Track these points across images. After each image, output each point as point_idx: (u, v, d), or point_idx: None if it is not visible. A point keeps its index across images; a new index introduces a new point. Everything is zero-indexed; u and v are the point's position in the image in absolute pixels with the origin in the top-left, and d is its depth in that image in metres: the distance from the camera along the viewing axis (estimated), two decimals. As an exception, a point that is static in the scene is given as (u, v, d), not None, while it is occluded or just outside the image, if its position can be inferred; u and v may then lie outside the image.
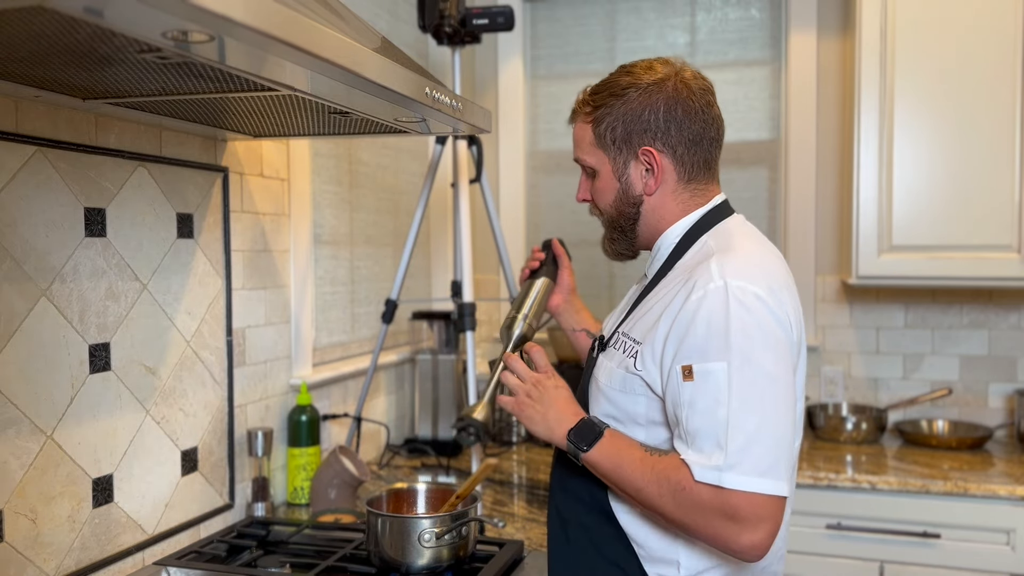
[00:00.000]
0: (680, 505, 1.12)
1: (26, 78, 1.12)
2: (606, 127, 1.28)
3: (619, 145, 1.28)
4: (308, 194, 2.11)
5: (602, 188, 1.33)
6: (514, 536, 1.73)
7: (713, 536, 1.11)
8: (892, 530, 2.18)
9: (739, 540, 1.09)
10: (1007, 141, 2.30)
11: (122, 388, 1.50)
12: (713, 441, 1.10)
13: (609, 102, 1.28)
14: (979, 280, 2.36)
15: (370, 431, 2.41)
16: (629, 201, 1.31)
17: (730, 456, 1.09)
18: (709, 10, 2.88)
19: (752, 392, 1.10)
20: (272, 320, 1.97)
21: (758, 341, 1.12)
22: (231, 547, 1.63)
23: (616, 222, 1.34)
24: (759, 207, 2.86)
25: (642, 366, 1.21)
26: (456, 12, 2.19)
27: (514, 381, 1.34)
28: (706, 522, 1.11)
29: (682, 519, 1.13)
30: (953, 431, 2.61)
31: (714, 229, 1.28)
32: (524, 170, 3.09)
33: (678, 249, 1.29)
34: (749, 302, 1.13)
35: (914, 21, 2.35)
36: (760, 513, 1.09)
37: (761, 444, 1.09)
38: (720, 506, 1.09)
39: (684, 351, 1.15)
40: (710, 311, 1.13)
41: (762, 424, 1.10)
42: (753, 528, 1.09)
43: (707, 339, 1.13)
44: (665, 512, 1.15)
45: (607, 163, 1.30)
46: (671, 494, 1.13)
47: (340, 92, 1.15)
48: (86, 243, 1.42)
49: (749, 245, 1.23)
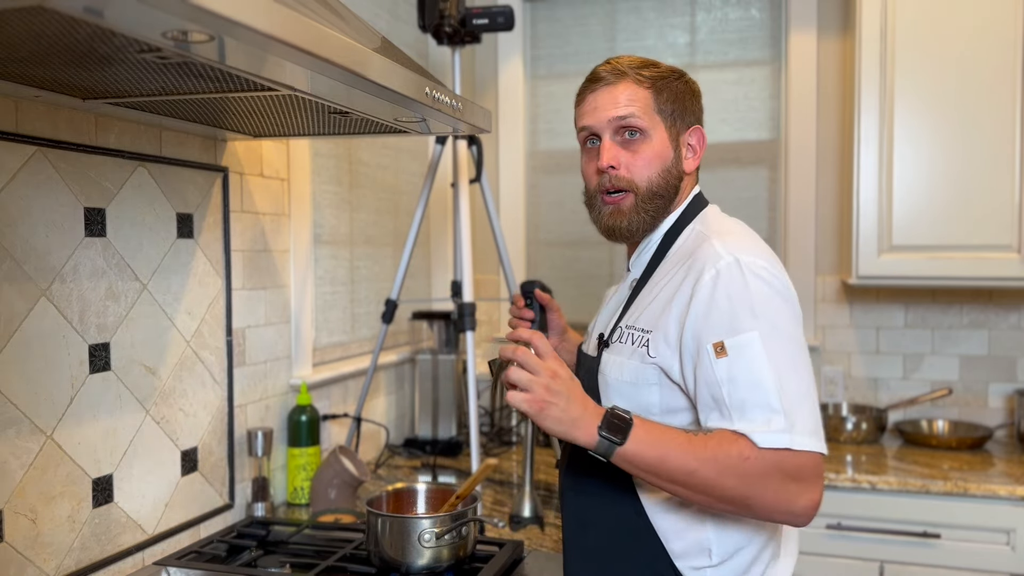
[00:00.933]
0: (744, 477, 1.10)
1: (26, 78, 1.12)
2: (667, 97, 1.31)
3: (676, 117, 1.32)
4: (308, 194, 2.11)
5: (652, 155, 1.29)
6: (514, 536, 1.73)
7: (775, 502, 1.12)
8: (892, 530, 2.18)
9: (800, 501, 1.12)
10: (1007, 141, 2.30)
11: (122, 388, 1.50)
12: (764, 408, 1.12)
13: (664, 74, 1.32)
14: (979, 280, 2.35)
15: (370, 431, 2.41)
16: (676, 173, 1.32)
17: (790, 418, 1.11)
18: (709, 10, 2.88)
19: (787, 356, 1.14)
20: (272, 320, 1.97)
21: (779, 309, 1.16)
22: (231, 547, 1.63)
23: (660, 190, 1.30)
24: (759, 207, 2.86)
25: (656, 353, 1.21)
26: (456, 12, 2.19)
27: (526, 377, 1.13)
28: (771, 489, 1.11)
29: (745, 492, 1.12)
30: (953, 431, 2.61)
31: (698, 217, 1.33)
32: (524, 170, 3.09)
33: (666, 240, 1.32)
34: (763, 274, 1.17)
35: (914, 21, 2.35)
36: (818, 471, 1.13)
37: (806, 405, 1.13)
38: (786, 469, 1.10)
39: (710, 329, 1.16)
40: (728, 286, 1.16)
41: (801, 385, 1.13)
42: (812, 487, 1.12)
43: (732, 313, 1.15)
44: (725, 489, 1.12)
45: (663, 130, 1.31)
46: (733, 468, 1.10)
47: (340, 92, 1.15)
48: (86, 243, 1.42)
49: (737, 228, 1.29)
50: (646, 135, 1.29)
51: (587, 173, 1.36)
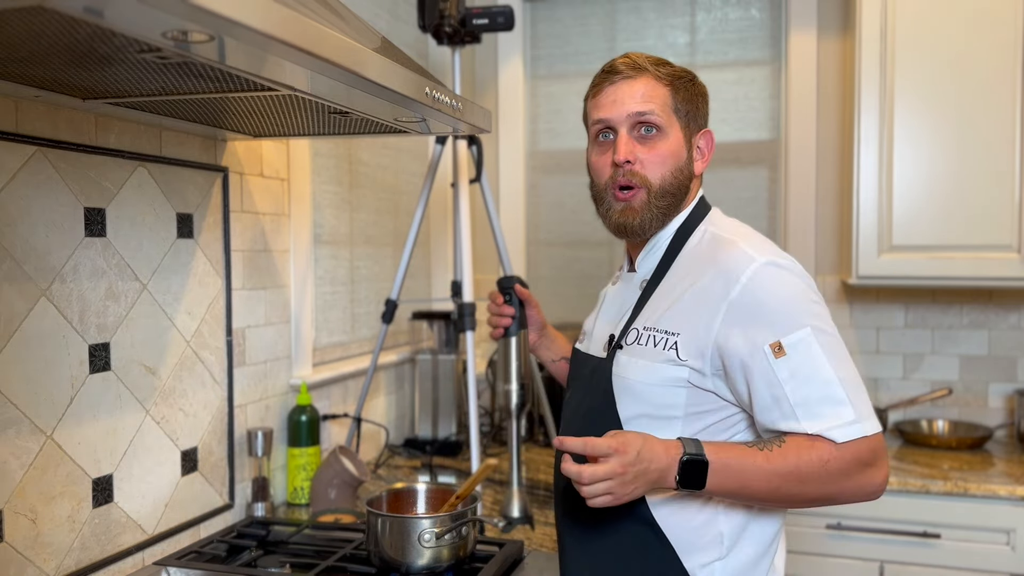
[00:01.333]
0: (828, 479, 1.15)
1: (26, 78, 1.12)
2: (683, 98, 1.31)
3: (690, 118, 1.33)
4: (308, 194, 2.11)
5: (667, 153, 1.29)
6: (514, 536, 1.73)
7: (856, 490, 1.17)
8: (892, 530, 2.18)
9: (876, 480, 1.17)
10: (1007, 141, 2.30)
11: (122, 388, 1.50)
12: (830, 401, 1.15)
13: (680, 74, 1.33)
14: (979, 280, 2.35)
15: (370, 431, 2.41)
16: (687, 173, 1.33)
17: (856, 408, 1.15)
18: (709, 10, 2.88)
19: (836, 348, 1.18)
20: (272, 320, 1.97)
21: (819, 305, 1.21)
22: (231, 547, 1.63)
23: (672, 188, 1.30)
24: (759, 207, 2.86)
25: (687, 355, 1.21)
26: (456, 12, 2.19)
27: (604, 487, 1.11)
28: (852, 480, 1.16)
29: (829, 491, 1.17)
30: (953, 431, 2.61)
31: (707, 219, 1.34)
32: (524, 170, 3.09)
33: (676, 241, 1.32)
34: (798, 272, 1.22)
35: (914, 21, 2.35)
36: (883, 448, 1.18)
37: (861, 391, 1.18)
38: (862, 458, 1.15)
39: (762, 331, 1.17)
40: (773, 286, 1.19)
41: (853, 372, 1.18)
42: (883, 463, 1.18)
43: (783, 312, 1.17)
44: (810, 494, 1.17)
45: (678, 129, 1.31)
46: (816, 474, 1.15)
47: (340, 92, 1.15)
48: (86, 243, 1.42)
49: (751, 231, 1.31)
50: (663, 132, 1.28)
51: (598, 166, 1.33)
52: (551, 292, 3.08)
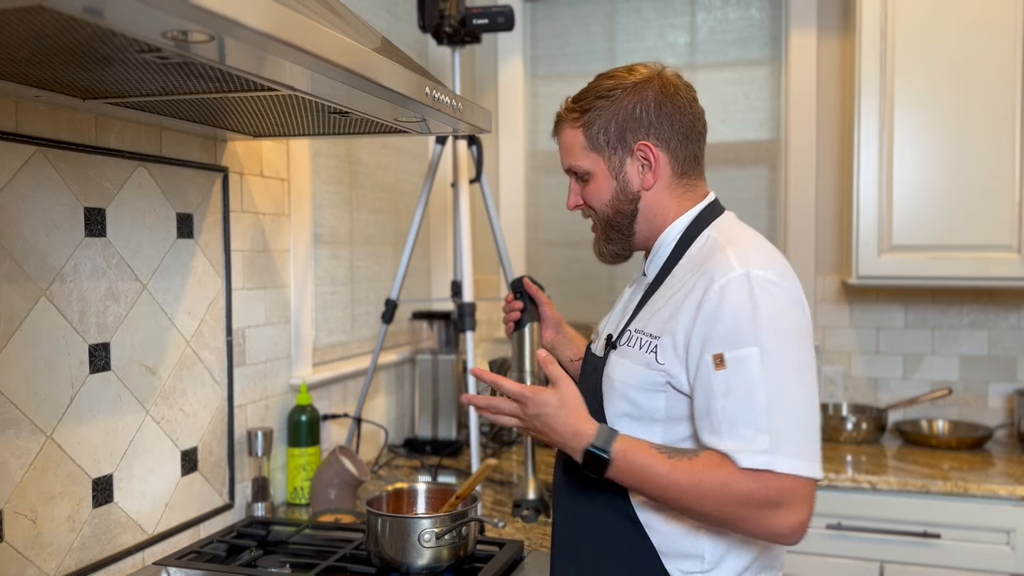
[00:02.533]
0: (722, 502, 1.12)
1: (26, 78, 1.12)
2: (598, 128, 1.30)
3: (613, 144, 1.30)
4: (308, 194, 2.11)
5: (597, 189, 1.33)
6: (514, 536, 1.73)
7: (756, 524, 1.12)
8: (892, 530, 2.18)
9: (785, 522, 1.11)
10: (1007, 141, 2.30)
11: (122, 388, 1.50)
12: (753, 426, 1.11)
13: (598, 104, 1.30)
14: (979, 280, 2.35)
15: (370, 431, 2.41)
16: (627, 198, 1.32)
17: (775, 440, 1.10)
18: (709, 10, 2.88)
19: (786, 375, 1.13)
20: (272, 320, 1.97)
21: (784, 327, 1.15)
22: (231, 547, 1.63)
23: (613, 221, 1.34)
24: (759, 207, 2.86)
25: (664, 359, 1.21)
26: (456, 12, 2.19)
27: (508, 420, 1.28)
28: (751, 512, 1.11)
29: (724, 516, 1.13)
30: (953, 431, 2.61)
31: (713, 224, 1.31)
32: (524, 170, 3.09)
33: (680, 245, 1.31)
34: (772, 289, 1.16)
35: (914, 21, 2.35)
36: (803, 495, 1.11)
37: (800, 427, 1.12)
38: (767, 493, 1.10)
39: (713, 340, 1.16)
40: (736, 299, 1.15)
41: (797, 407, 1.12)
42: (797, 509, 1.11)
43: (736, 326, 1.14)
44: (698, 512, 1.15)
45: (602, 163, 1.32)
46: (713, 495, 1.12)
47: (340, 92, 1.15)
48: (86, 243, 1.42)
49: (753, 238, 1.27)
50: (590, 174, 1.33)
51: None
52: (551, 292, 3.07)
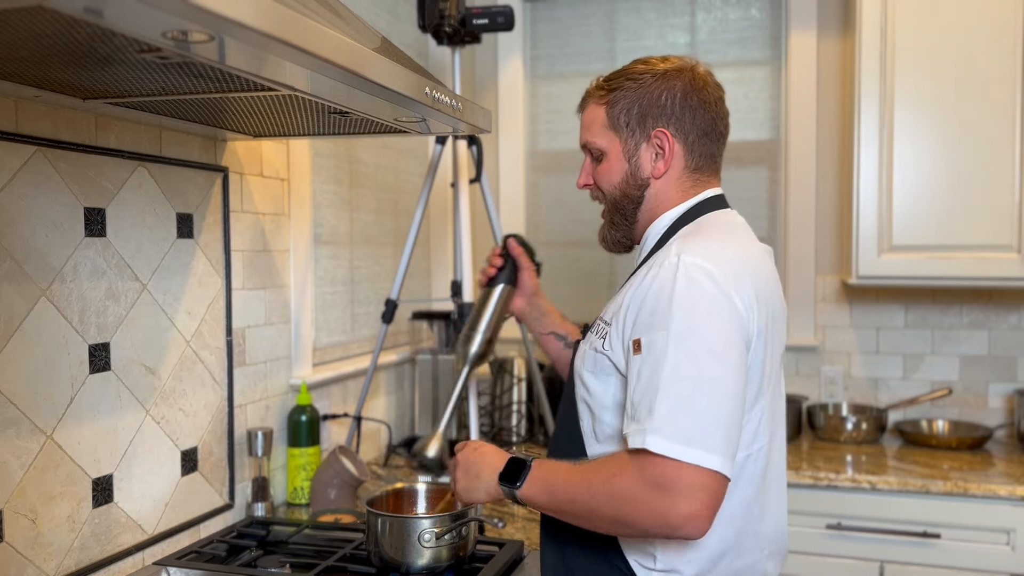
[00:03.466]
0: (611, 496, 1.09)
1: (26, 78, 1.12)
2: (621, 108, 1.30)
3: (632, 127, 1.30)
4: (308, 194, 2.11)
5: (609, 169, 1.33)
6: (514, 536, 1.73)
7: (650, 515, 1.06)
8: (892, 530, 2.18)
9: (676, 511, 1.04)
10: (1007, 141, 2.30)
11: (122, 388, 1.50)
12: (646, 408, 1.09)
13: (626, 84, 1.30)
14: (979, 280, 2.35)
15: (370, 431, 2.41)
16: (636, 183, 1.32)
17: (655, 420, 1.07)
18: (709, 10, 2.88)
19: (688, 361, 1.09)
20: (272, 320, 1.97)
21: (701, 314, 1.11)
22: (231, 547, 1.63)
23: (619, 204, 1.34)
24: (759, 207, 2.86)
25: (609, 346, 1.22)
26: (456, 12, 2.19)
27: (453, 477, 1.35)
28: (640, 504, 1.07)
29: (615, 513, 1.10)
30: (953, 431, 2.61)
31: (697, 220, 1.29)
32: (524, 170, 3.09)
33: (664, 237, 1.31)
34: (697, 277, 1.13)
35: (914, 21, 2.35)
36: (692, 482, 1.04)
37: (692, 413, 1.06)
38: (651, 477, 1.06)
39: (636, 326, 1.17)
40: (660, 285, 1.15)
41: (695, 394, 1.07)
42: (688, 498, 1.04)
43: (654, 312, 1.14)
44: (599, 513, 1.12)
45: (617, 144, 1.31)
46: (602, 487, 1.10)
47: (340, 92, 1.15)
48: (86, 243, 1.42)
49: (721, 232, 1.24)
50: (604, 154, 1.33)
51: None
52: (551, 292, 3.07)
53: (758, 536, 1.25)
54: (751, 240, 1.28)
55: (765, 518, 1.26)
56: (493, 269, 1.59)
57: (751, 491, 1.23)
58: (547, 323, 1.62)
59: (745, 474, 1.22)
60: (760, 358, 1.19)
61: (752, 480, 1.23)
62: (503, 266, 1.58)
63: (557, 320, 1.63)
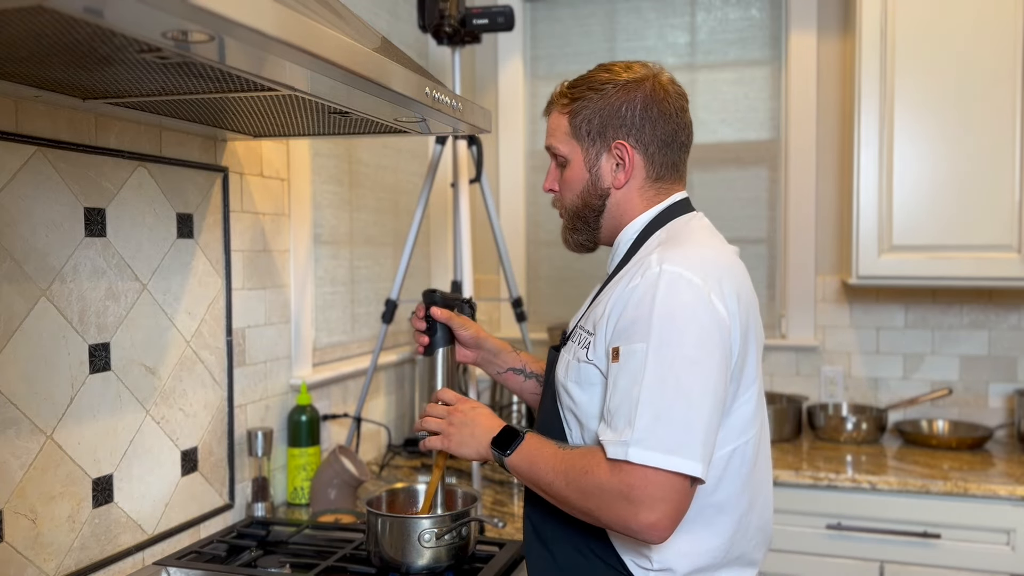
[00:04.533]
0: (583, 490, 1.14)
1: (26, 78, 1.12)
2: (582, 119, 1.31)
3: (593, 137, 1.31)
4: (308, 194, 2.11)
5: (571, 178, 1.35)
6: (514, 536, 1.73)
7: (615, 518, 1.12)
8: (892, 530, 2.18)
9: (638, 519, 1.10)
10: (1007, 141, 2.30)
11: (122, 388, 1.50)
12: (625, 419, 1.12)
13: (587, 95, 1.31)
14: (979, 280, 2.35)
15: (370, 431, 2.41)
16: (596, 193, 1.33)
17: (637, 432, 1.10)
18: (709, 10, 2.88)
19: (667, 372, 1.11)
20: (272, 320, 1.97)
21: (680, 324, 1.13)
22: (231, 547, 1.63)
23: (580, 213, 1.36)
24: (759, 207, 2.86)
25: (594, 355, 1.23)
26: (456, 12, 2.19)
27: (434, 422, 1.36)
28: (606, 505, 1.12)
29: (585, 506, 1.15)
30: (953, 431, 2.61)
31: (668, 224, 1.31)
32: (524, 170, 3.09)
33: (635, 244, 1.32)
34: (679, 286, 1.14)
35: (914, 21, 2.35)
36: (657, 493, 1.09)
37: (671, 422, 1.10)
38: (617, 486, 1.10)
39: (616, 335, 1.18)
40: (640, 295, 1.16)
41: (674, 403, 1.10)
42: (650, 508, 1.09)
43: (634, 322, 1.15)
44: (570, 502, 1.17)
45: (579, 153, 1.33)
46: (576, 480, 1.15)
47: (340, 92, 1.15)
48: (86, 243, 1.42)
49: (698, 236, 1.26)
50: (567, 161, 1.34)
51: None
52: (551, 292, 3.08)
53: (748, 527, 1.27)
54: (723, 242, 1.30)
55: (754, 508, 1.28)
56: (426, 338, 1.52)
57: (739, 483, 1.24)
58: (501, 361, 1.57)
59: (733, 466, 1.23)
60: (744, 354, 1.22)
61: (740, 472, 1.24)
62: (433, 330, 1.50)
63: (511, 355, 1.58)
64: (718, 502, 1.22)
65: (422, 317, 1.52)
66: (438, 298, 1.49)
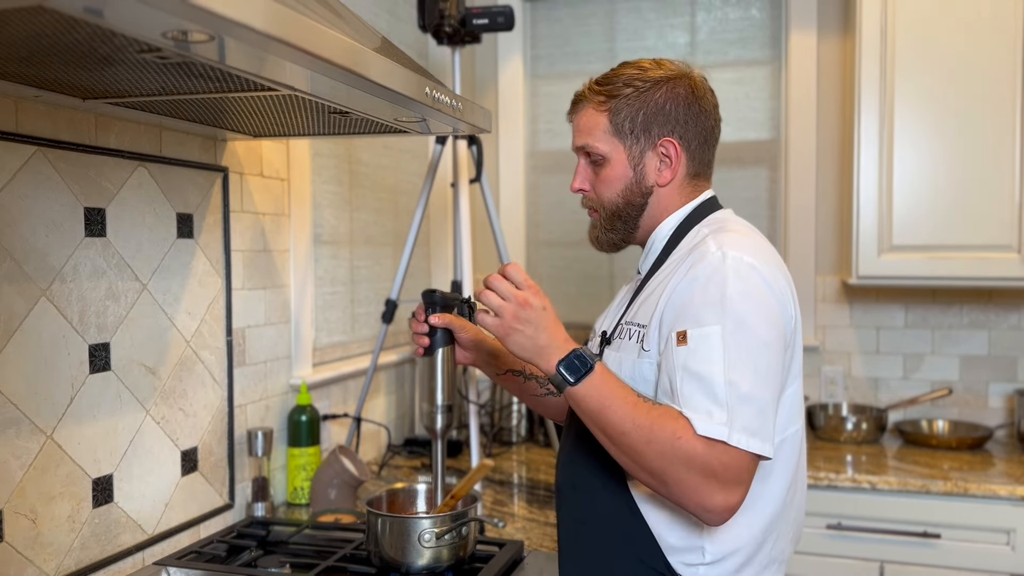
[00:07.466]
0: (666, 454, 1.10)
1: (26, 78, 1.12)
2: (625, 116, 1.30)
3: (637, 134, 1.30)
4: (308, 194, 2.11)
5: (611, 177, 1.32)
6: (514, 536, 1.73)
7: (690, 491, 1.10)
8: (892, 530, 2.18)
9: (714, 499, 1.10)
10: (1007, 141, 2.30)
11: (122, 388, 1.50)
12: (710, 400, 1.11)
13: (626, 92, 1.30)
14: (979, 280, 2.35)
15: (370, 431, 2.42)
16: (640, 191, 1.32)
17: (732, 414, 1.10)
18: (709, 10, 2.88)
19: (745, 355, 1.12)
20: (272, 320, 1.97)
21: (751, 307, 1.14)
22: (231, 547, 1.63)
23: (621, 212, 1.34)
24: (759, 207, 2.86)
25: (650, 346, 1.23)
26: (456, 12, 2.19)
27: (497, 301, 1.20)
28: (691, 477, 1.10)
29: (664, 469, 1.11)
30: (953, 431, 2.61)
31: (707, 219, 1.32)
32: (524, 170, 3.09)
33: (672, 241, 1.32)
34: (744, 271, 1.16)
35: (914, 21, 2.35)
36: (743, 476, 1.11)
37: (753, 404, 1.11)
38: (710, 462, 1.09)
39: (681, 319, 1.17)
40: (706, 279, 1.16)
41: (754, 386, 1.12)
42: (734, 489, 1.10)
43: (703, 305, 1.15)
44: (648, 460, 1.12)
45: (622, 151, 1.31)
46: (662, 443, 1.10)
47: (340, 92, 1.15)
48: (86, 243, 1.42)
49: (742, 228, 1.28)
50: (605, 159, 1.32)
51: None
52: (551, 292, 3.08)
53: (787, 520, 1.29)
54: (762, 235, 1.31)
55: (794, 501, 1.29)
56: (426, 340, 1.45)
57: (788, 475, 1.25)
58: (500, 363, 1.53)
59: (782, 458, 1.24)
60: (794, 344, 1.24)
61: (788, 464, 1.25)
62: (433, 331, 1.44)
63: (509, 357, 1.53)
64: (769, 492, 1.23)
65: (422, 320, 1.46)
66: (438, 298, 1.45)
